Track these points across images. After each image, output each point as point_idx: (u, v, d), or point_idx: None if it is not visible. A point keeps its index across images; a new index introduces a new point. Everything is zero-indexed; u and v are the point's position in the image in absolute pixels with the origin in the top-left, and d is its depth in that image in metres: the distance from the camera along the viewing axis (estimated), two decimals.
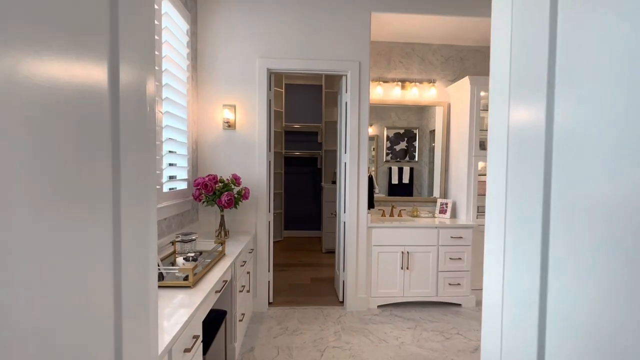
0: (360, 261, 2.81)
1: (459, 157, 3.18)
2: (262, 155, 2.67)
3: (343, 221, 2.90)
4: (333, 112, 5.12)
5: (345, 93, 2.81)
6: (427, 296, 2.86)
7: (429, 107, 3.35)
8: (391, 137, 3.35)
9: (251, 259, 2.59)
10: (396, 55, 3.33)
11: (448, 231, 2.84)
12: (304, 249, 4.95)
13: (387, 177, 3.36)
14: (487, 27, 2.98)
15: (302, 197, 5.77)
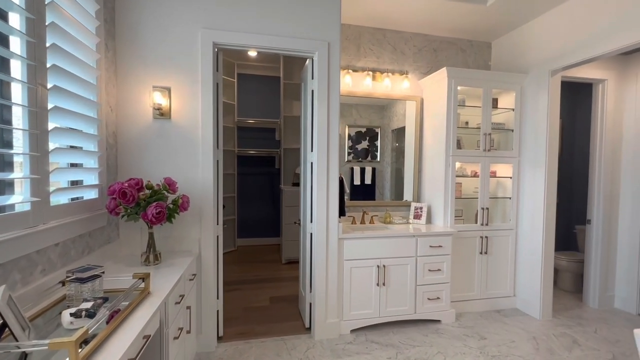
0: (331, 280, 2.37)
1: (434, 157, 2.90)
2: (207, 153, 2.10)
3: (310, 232, 2.44)
4: (293, 106, 4.63)
5: (312, 80, 2.35)
6: (404, 314, 2.52)
7: (390, 106, 3.04)
8: (353, 136, 2.99)
9: (193, 288, 2.00)
10: (366, 41, 2.96)
11: (427, 240, 2.53)
12: (261, 259, 4.39)
13: (349, 177, 2.99)
14: (460, 16, 2.74)
15: (258, 201, 5.19)
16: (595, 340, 2.38)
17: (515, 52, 2.96)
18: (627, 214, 2.95)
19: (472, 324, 2.59)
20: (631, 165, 2.92)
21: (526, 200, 2.84)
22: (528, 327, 2.56)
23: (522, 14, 2.69)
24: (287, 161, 4.61)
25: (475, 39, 3.20)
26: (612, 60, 2.95)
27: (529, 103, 2.82)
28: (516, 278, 2.92)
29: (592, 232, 3.01)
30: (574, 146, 3.86)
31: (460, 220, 2.91)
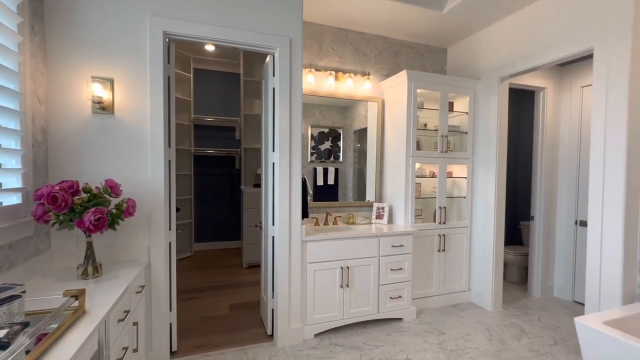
0: (294, 284, 2.29)
1: (395, 158, 2.95)
2: (158, 152, 1.92)
3: (272, 235, 2.34)
4: (254, 104, 4.48)
5: (273, 77, 2.26)
6: (368, 314, 2.52)
7: (352, 106, 3.05)
8: (316, 136, 2.95)
9: (141, 301, 1.81)
10: (328, 41, 2.93)
11: (389, 240, 2.56)
12: (221, 264, 4.18)
13: (312, 178, 2.95)
14: (419, 21, 2.83)
15: (217, 204, 4.95)
16: (540, 327, 2.57)
17: (469, 59, 3.12)
18: (563, 211, 3.25)
19: (432, 320, 2.67)
20: (566, 166, 3.23)
21: (479, 199, 3.00)
22: (482, 319, 2.70)
23: (474, 22, 2.83)
24: (248, 161, 4.45)
25: (432, 44, 3.32)
26: (551, 70, 3.23)
27: (481, 107, 2.98)
28: (471, 273, 3.08)
29: (535, 227, 3.27)
30: (519, 148, 4.18)
31: (420, 219, 3.00)
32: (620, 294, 1.96)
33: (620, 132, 1.96)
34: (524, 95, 4.05)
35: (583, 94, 3.11)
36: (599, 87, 2.07)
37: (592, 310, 2.09)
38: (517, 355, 2.16)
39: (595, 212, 2.08)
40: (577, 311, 2.90)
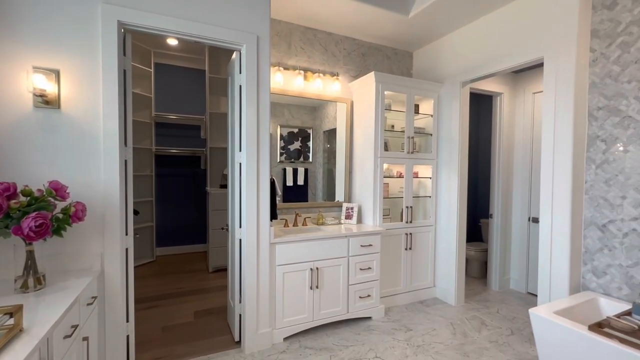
0: (262, 287, 2.23)
1: (363, 159, 2.99)
2: (112, 151, 1.77)
3: (239, 238, 2.26)
4: (220, 102, 4.32)
5: (239, 74, 2.18)
6: (338, 315, 2.52)
7: (322, 107, 3.05)
8: (285, 137, 2.91)
9: (93, 314, 1.66)
10: (297, 40, 2.90)
11: (358, 239, 2.58)
12: (185, 269, 3.98)
13: (281, 178, 2.90)
14: (386, 24, 2.88)
15: (181, 205, 4.72)
16: (498, 319, 2.73)
17: (433, 63, 3.24)
18: (518, 209, 3.47)
19: (400, 317, 2.73)
20: (520, 167, 3.46)
21: (443, 198, 3.12)
22: (446, 314, 2.81)
23: (437, 29, 2.94)
24: (214, 161, 4.28)
25: (399, 48, 3.41)
26: (506, 76, 3.44)
27: (444, 110, 3.11)
28: (436, 270, 3.19)
29: (493, 224, 3.47)
30: (479, 150, 4.42)
31: (388, 219, 3.06)
32: (567, 285, 2.12)
33: (567, 137, 2.12)
34: (483, 99, 4.29)
35: (535, 99, 3.35)
36: (548, 95, 2.23)
37: (544, 301, 2.24)
38: (478, 347, 2.27)
39: (545, 210, 2.24)
40: (531, 302, 3.11)
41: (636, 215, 1.91)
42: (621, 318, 1.65)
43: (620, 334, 1.51)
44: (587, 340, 1.55)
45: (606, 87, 2.05)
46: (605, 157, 2.05)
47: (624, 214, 1.97)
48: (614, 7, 2.01)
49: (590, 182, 2.12)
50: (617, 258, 1.99)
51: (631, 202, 1.93)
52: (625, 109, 1.96)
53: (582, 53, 2.10)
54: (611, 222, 2.02)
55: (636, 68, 1.92)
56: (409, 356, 2.15)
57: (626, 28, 1.96)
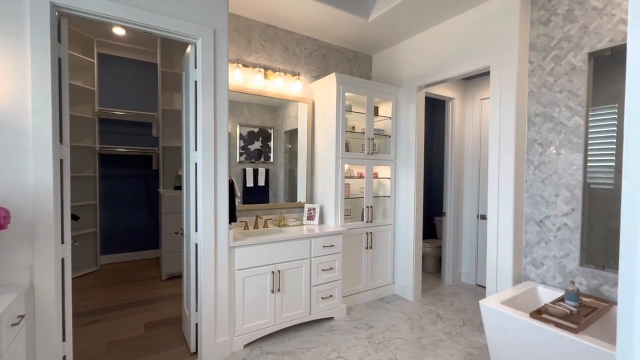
0: (221, 294, 2.13)
1: (325, 159, 2.99)
2: (44, 149, 1.57)
3: (194, 243, 2.13)
4: (174, 98, 4.07)
5: (194, 69, 2.06)
6: (300, 317, 2.49)
7: (283, 107, 3.02)
8: (245, 136, 2.83)
9: (20, 335, 1.45)
10: (257, 36, 2.82)
11: (320, 240, 2.57)
12: (135, 278, 3.69)
13: (241, 179, 2.81)
14: (346, 26, 2.92)
15: (130, 209, 4.36)
16: (452, 311, 2.89)
17: (391, 67, 3.35)
18: (468, 207, 3.72)
19: (361, 316, 2.77)
20: (470, 168, 3.70)
21: (401, 198, 3.24)
22: (404, 309, 2.91)
23: (395, 34, 3.04)
24: (168, 161, 4.02)
25: (359, 51, 3.47)
26: (458, 83, 3.67)
27: (402, 113, 3.22)
28: (395, 267, 3.30)
29: (446, 222, 3.68)
30: (433, 151, 4.66)
31: (349, 219, 3.09)
32: (511, 276, 2.30)
33: (509, 140, 2.31)
34: (437, 103, 4.53)
35: (482, 105, 3.62)
36: (494, 101, 2.41)
37: (491, 291, 2.41)
38: (434, 339, 2.38)
39: (492, 207, 2.42)
40: (480, 293, 3.35)
41: (567, 212, 2.14)
42: (556, 304, 1.82)
43: (556, 319, 1.66)
44: (529, 326, 1.69)
45: (542, 96, 2.26)
46: (542, 159, 2.26)
47: (557, 210, 2.19)
48: (548, 24, 2.22)
49: (529, 182, 2.33)
50: (552, 250, 2.21)
51: (563, 200, 2.16)
52: (557, 116, 2.18)
53: (522, 64, 2.30)
54: (547, 218, 2.23)
55: (566, 79, 2.14)
56: (370, 354, 2.18)
57: (558, 43, 2.18)
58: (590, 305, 1.86)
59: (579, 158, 2.09)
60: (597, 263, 2.06)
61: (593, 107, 2.10)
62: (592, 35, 2.02)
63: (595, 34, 2.00)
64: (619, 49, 1.95)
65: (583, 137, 2.07)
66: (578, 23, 2.08)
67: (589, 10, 2.03)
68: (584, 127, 2.07)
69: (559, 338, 1.58)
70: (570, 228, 2.12)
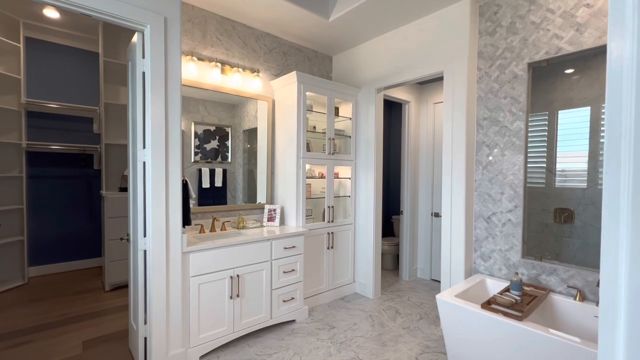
0: (173, 303, 1.97)
1: (286, 159, 2.93)
2: None
3: (143, 249, 1.94)
4: (119, 91, 3.72)
5: (142, 59, 1.89)
6: (261, 322, 2.41)
7: (242, 105, 2.91)
8: (200, 135, 2.68)
9: None
10: (213, 29, 2.68)
11: (281, 242, 2.51)
12: (72, 291, 3.30)
13: (197, 180, 2.66)
14: (306, 24, 2.89)
15: (66, 213, 3.91)
16: (409, 306, 2.99)
17: (351, 68, 3.39)
18: (423, 206, 3.90)
19: (323, 316, 2.76)
20: (424, 168, 3.89)
21: (361, 197, 3.29)
22: (365, 307, 2.96)
23: (355, 36, 3.08)
24: (112, 160, 3.67)
25: (319, 51, 3.46)
26: (413, 87, 3.83)
27: (362, 114, 3.28)
28: (355, 266, 3.34)
29: (403, 220, 3.82)
30: (391, 152, 4.82)
31: (310, 219, 3.07)
32: (463, 269, 2.45)
33: (461, 142, 2.45)
34: (394, 106, 4.69)
35: (435, 109, 3.81)
36: (447, 105, 2.54)
37: (446, 285, 2.54)
38: (394, 335, 2.44)
39: (446, 206, 2.55)
40: (434, 287, 3.52)
41: (510, 208, 2.32)
42: (503, 294, 1.96)
43: (503, 308, 1.79)
44: (480, 316, 1.80)
45: (489, 101, 2.44)
46: (489, 159, 2.44)
47: (502, 207, 2.36)
48: (494, 34, 2.40)
49: (478, 181, 2.49)
50: (498, 244, 2.38)
51: (507, 197, 2.34)
52: (502, 120, 2.36)
53: (472, 70, 2.46)
54: (494, 214, 2.41)
55: (509, 87, 2.33)
56: (332, 354, 2.17)
57: (502, 53, 2.36)
58: (531, 294, 2.03)
59: (521, 159, 2.28)
60: (535, 255, 2.27)
61: (531, 113, 2.31)
62: (531, 47, 2.22)
63: (534, 46, 2.20)
64: (553, 60, 2.17)
65: (524, 140, 2.27)
66: (519, 35, 2.27)
67: (528, 24, 2.22)
68: (525, 130, 2.27)
69: (506, 326, 1.70)
70: (514, 223, 2.30)
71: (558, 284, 2.10)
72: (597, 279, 1.94)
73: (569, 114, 2.23)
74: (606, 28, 1.91)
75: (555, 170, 2.30)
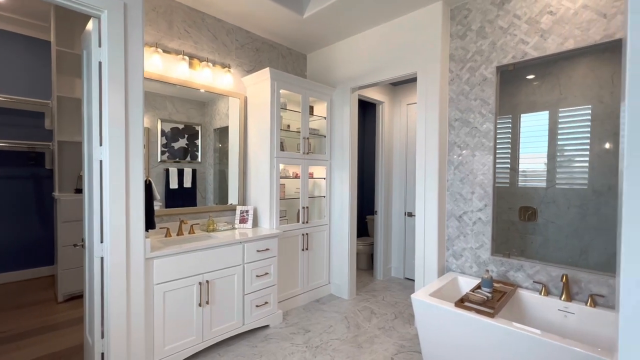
0: (135, 314, 1.81)
1: (259, 159, 2.83)
2: None
3: (100, 256, 1.77)
4: (74, 84, 3.42)
5: (99, 48, 1.72)
6: (233, 329, 2.29)
7: (212, 102, 2.78)
8: (168, 133, 2.52)
9: None
10: (180, 20, 2.52)
11: (254, 244, 2.41)
12: (19, 303, 2.98)
13: (164, 180, 2.50)
14: (280, 20, 2.81)
15: (11, 217, 3.53)
16: (384, 306, 3.00)
17: (326, 67, 3.35)
18: (396, 205, 3.94)
19: (298, 320, 2.69)
20: (398, 168, 3.94)
21: (336, 197, 3.26)
22: (340, 309, 2.92)
23: (330, 34, 3.05)
24: (66, 159, 3.35)
25: (294, 48, 3.39)
26: (387, 87, 3.86)
27: (336, 113, 3.25)
28: (330, 267, 3.30)
29: (377, 220, 3.84)
30: (365, 152, 4.84)
31: (284, 220, 2.99)
32: (436, 268, 2.48)
33: (434, 143, 2.49)
34: (368, 106, 4.72)
35: (408, 110, 3.87)
36: (420, 106, 2.57)
37: (420, 283, 2.57)
38: (370, 336, 2.42)
39: (420, 205, 2.58)
40: (408, 286, 3.56)
41: (481, 207, 2.38)
42: (475, 292, 2.00)
43: (476, 306, 1.82)
44: (455, 315, 1.81)
45: (460, 103, 2.49)
46: (460, 160, 2.49)
47: (473, 206, 2.42)
48: (465, 38, 2.46)
49: (450, 181, 2.54)
50: (469, 242, 2.44)
51: (477, 196, 2.40)
52: (473, 121, 2.43)
53: (444, 72, 2.50)
54: (465, 213, 2.46)
55: (479, 89, 2.39)
56: (308, 359, 2.11)
57: (472, 56, 2.42)
58: (501, 290, 2.09)
59: (490, 159, 2.35)
60: (503, 252, 2.34)
61: (500, 115, 2.39)
62: (499, 51, 2.29)
63: (502, 50, 2.27)
64: (519, 65, 2.25)
65: (493, 141, 2.34)
66: (488, 39, 2.34)
67: (497, 29, 2.30)
68: (494, 132, 2.34)
69: (479, 323, 1.72)
70: (484, 222, 2.37)
71: (525, 280, 2.18)
72: (560, 273, 2.04)
73: (530, 117, 2.33)
74: (568, 34, 2.01)
75: (518, 170, 2.39)
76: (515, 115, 2.40)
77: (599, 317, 1.84)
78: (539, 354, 1.52)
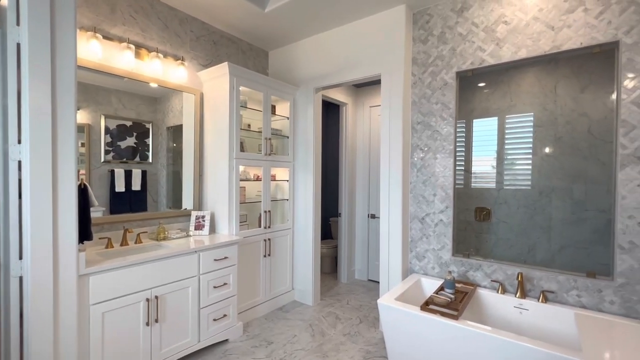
0: (65, 341, 1.54)
1: (217, 160, 2.63)
2: None
3: (18, 275, 1.48)
4: None
5: (17, 27, 1.44)
6: (187, 348, 2.08)
7: (165, 98, 2.54)
8: (113, 130, 2.25)
9: None
10: (125, 5, 2.25)
11: (211, 253, 2.22)
12: None
13: (108, 183, 2.22)
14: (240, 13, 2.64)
15: None
16: (349, 310, 2.95)
17: (289, 66, 3.23)
18: (360, 207, 3.94)
19: (259, 331, 2.53)
20: (361, 170, 3.93)
21: (300, 200, 3.15)
22: (304, 316, 2.82)
23: (293, 31, 2.94)
24: None
25: (255, 44, 3.23)
26: (350, 89, 3.84)
27: (300, 113, 3.14)
28: (294, 272, 3.18)
29: (341, 222, 3.79)
30: (328, 154, 4.80)
31: (245, 225, 2.81)
32: (400, 270, 2.48)
33: (398, 145, 2.49)
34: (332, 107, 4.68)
35: (371, 112, 3.89)
36: (384, 108, 2.56)
37: (384, 285, 2.55)
38: (335, 344, 2.35)
39: (384, 207, 2.56)
40: (372, 288, 3.56)
41: (442, 209, 2.43)
42: (439, 294, 2.02)
43: (441, 308, 1.82)
44: (420, 318, 1.80)
45: (422, 106, 2.52)
46: (423, 162, 2.52)
47: (435, 208, 2.46)
48: (427, 42, 2.49)
49: (413, 183, 2.56)
50: (431, 244, 2.47)
51: (439, 199, 2.44)
52: (434, 125, 2.47)
53: (407, 76, 2.52)
54: (427, 215, 2.49)
55: (440, 93, 2.44)
56: None
57: (434, 60, 2.46)
58: (462, 290, 2.13)
59: (450, 162, 2.40)
60: (463, 252, 2.41)
61: (459, 119, 2.45)
62: (458, 57, 2.35)
63: (461, 56, 2.34)
64: (477, 71, 2.33)
65: (453, 144, 2.39)
66: (448, 45, 2.39)
67: (456, 35, 2.36)
68: (454, 135, 2.39)
69: (444, 326, 1.72)
70: (445, 223, 2.41)
71: (483, 279, 2.26)
72: (515, 272, 2.13)
73: (482, 122, 2.43)
74: (520, 44, 2.11)
75: (471, 172, 2.47)
76: (469, 120, 2.48)
77: (549, 312, 1.94)
78: (501, 353, 1.55)
